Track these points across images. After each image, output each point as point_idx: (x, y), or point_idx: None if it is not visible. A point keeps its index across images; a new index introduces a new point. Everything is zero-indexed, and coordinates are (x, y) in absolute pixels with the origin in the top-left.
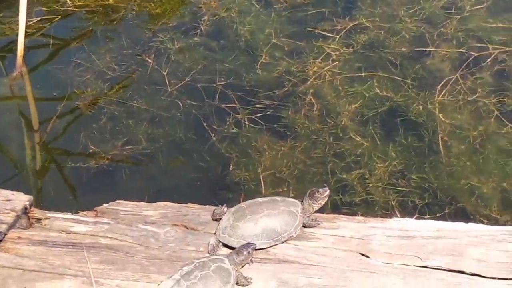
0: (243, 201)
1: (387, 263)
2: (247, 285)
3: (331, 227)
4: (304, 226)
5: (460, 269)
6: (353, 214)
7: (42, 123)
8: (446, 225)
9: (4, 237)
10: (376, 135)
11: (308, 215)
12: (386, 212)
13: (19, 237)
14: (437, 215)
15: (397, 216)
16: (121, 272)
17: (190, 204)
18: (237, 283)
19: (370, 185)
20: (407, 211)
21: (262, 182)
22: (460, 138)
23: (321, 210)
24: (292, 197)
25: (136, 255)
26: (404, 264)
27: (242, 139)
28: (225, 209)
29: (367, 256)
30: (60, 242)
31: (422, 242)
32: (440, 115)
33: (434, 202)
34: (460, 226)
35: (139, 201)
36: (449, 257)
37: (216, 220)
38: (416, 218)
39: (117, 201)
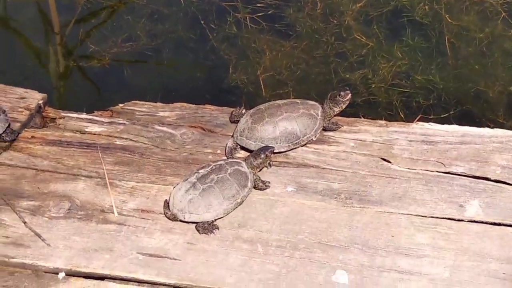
0: (244, 104)
1: (409, 169)
2: (265, 189)
3: (352, 131)
4: (324, 130)
5: (484, 176)
6: (355, 115)
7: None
8: (471, 130)
9: (17, 136)
10: (381, 35)
11: (328, 119)
12: (390, 113)
13: (32, 137)
14: (442, 116)
15: (419, 122)
16: (136, 173)
17: (207, 105)
18: (254, 187)
19: (373, 85)
20: (411, 111)
21: (261, 84)
22: (467, 40)
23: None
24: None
25: (152, 157)
26: (427, 170)
27: (242, 40)
28: (244, 110)
29: (389, 161)
30: (75, 142)
31: (446, 148)
32: (447, 16)
33: (439, 103)
34: (486, 131)
35: (155, 102)
36: (473, 163)
37: (234, 122)
38: (419, 120)
39: (133, 101)
